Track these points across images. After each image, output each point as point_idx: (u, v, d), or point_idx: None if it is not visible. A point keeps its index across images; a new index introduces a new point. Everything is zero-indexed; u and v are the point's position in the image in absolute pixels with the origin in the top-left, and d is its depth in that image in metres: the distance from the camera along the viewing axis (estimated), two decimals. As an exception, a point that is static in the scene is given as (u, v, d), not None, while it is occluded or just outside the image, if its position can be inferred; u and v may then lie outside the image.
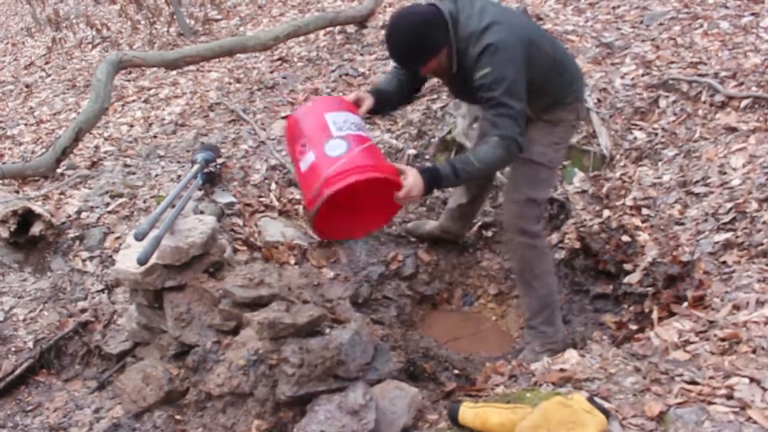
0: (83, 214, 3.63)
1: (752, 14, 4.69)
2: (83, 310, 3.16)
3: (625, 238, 3.32)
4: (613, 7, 5.55)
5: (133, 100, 5.70)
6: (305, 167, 2.35)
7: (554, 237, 3.64)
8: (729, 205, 3.02)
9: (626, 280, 3.16)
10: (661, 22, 4.99)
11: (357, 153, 2.29)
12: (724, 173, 3.30)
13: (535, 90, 2.63)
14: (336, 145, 2.30)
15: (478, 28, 2.51)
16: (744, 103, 3.74)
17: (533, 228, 2.93)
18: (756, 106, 3.69)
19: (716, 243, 2.85)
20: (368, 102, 2.69)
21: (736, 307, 2.39)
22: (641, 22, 5.12)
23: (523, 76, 2.55)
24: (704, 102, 3.91)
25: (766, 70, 3.92)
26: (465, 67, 2.59)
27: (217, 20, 7.77)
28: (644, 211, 3.39)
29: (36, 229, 3.42)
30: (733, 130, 3.59)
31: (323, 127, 2.38)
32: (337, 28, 6.24)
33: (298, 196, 3.83)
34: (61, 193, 3.86)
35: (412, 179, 2.37)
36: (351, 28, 6.24)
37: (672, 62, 4.37)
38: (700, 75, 4.09)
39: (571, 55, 3.09)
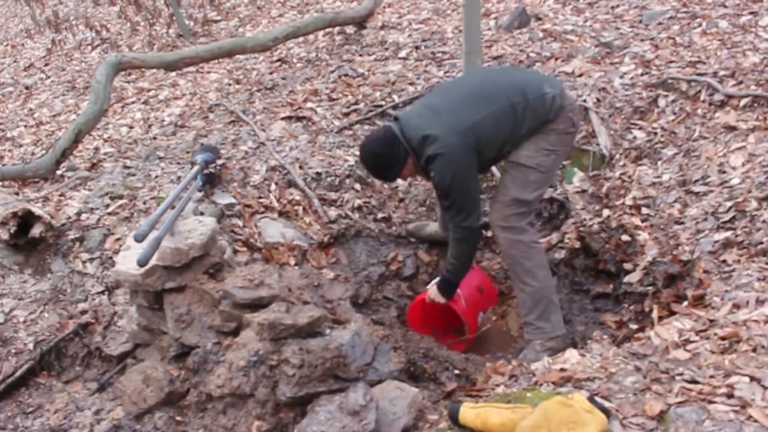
0: (83, 216, 3.63)
1: (751, 13, 4.70)
2: (83, 312, 3.17)
3: (625, 237, 3.32)
4: (612, 7, 5.56)
5: (133, 102, 5.71)
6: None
7: (554, 237, 3.64)
8: (729, 204, 3.02)
9: (626, 279, 3.16)
10: (660, 22, 4.99)
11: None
12: (724, 172, 3.30)
13: (507, 142, 2.90)
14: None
15: (419, 137, 2.88)
16: (743, 102, 3.74)
17: (517, 224, 3.00)
18: (755, 104, 3.69)
19: (716, 242, 2.85)
20: None
21: (736, 306, 2.39)
22: (640, 22, 5.13)
23: (471, 168, 2.87)
24: (703, 101, 3.92)
25: (765, 69, 3.92)
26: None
27: (216, 21, 7.78)
28: (644, 210, 3.39)
29: (36, 230, 3.42)
30: (733, 128, 3.58)
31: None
32: (336, 28, 6.25)
33: (297, 197, 3.83)
34: (61, 195, 3.86)
35: (432, 291, 3.22)
36: (350, 29, 6.25)
37: (671, 61, 4.37)
38: (699, 74, 4.09)
39: (543, 75, 3.32)
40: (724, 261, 2.74)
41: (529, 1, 6.02)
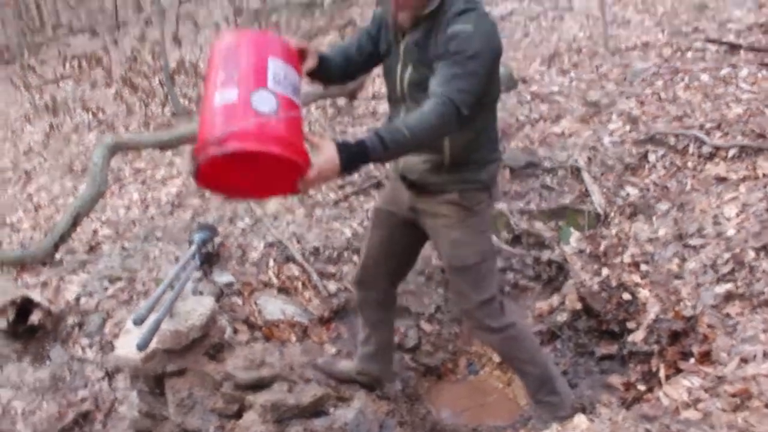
0: (82, 300, 3.61)
1: (730, 65, 4.81)
2: (83, 399, 3.11)
3: (626, 295, 3.30)
4: (596, 66, 5.69)
5: (130, 182, 5.76)
6: (221, 102, 2.02)
7: (554, 299, 3.62)
8: (726, 255, 3.02)
9: (630, 338, 3.13)
10: (644, 78, 5.11)
11: (282, 119, 2.02)
12: (719, 224, 3.32)
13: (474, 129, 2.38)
14: (265, 100, 2.02)
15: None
16: (731, 152, 3.79)
17: (502, 322, 2.68)
18: (743, 154, 3.74)
19: (717, 295, 2.84)
20: (311, 62, 2.39)
21: (744, 360, 2.36)
22: (624, 79, 5.24)
23: (496, 69, 2.35)
24: (692, 154, 3.97)
25: (750, 119, 3.99)
26: (436, 21, 2.29)
27: (210, 99, 7.92)
28: (643, 267, 3.38)
29: (35, 317, 3.40)
30: (724, 180, 3.62)
31: (261, 71, 2.09)
32: (329, 101, 6.37)
33: (296, 272, 3.82)
34: (60, 279, 3.86)
35: (324, 159, 2.02)
36: (341, 101, 6.37)
37: (657, 117, 4.45)
38: (685, 128, 4.16)
39: None
40: (727, 314, 2.72)
41: (515, 66, 6.17)
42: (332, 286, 3.77)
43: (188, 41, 10.20)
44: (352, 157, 2.06)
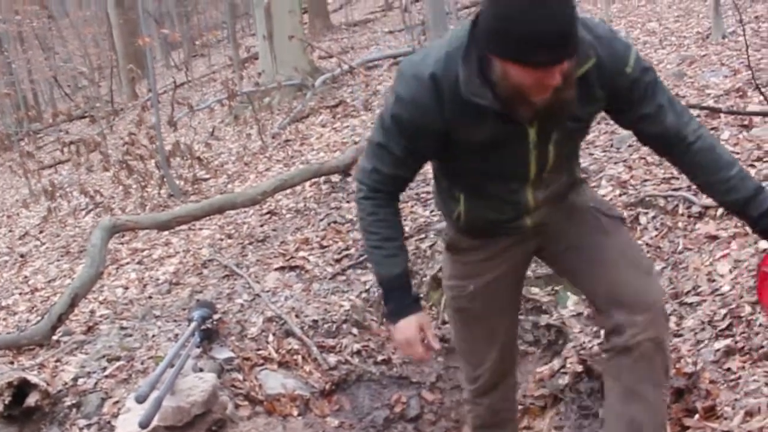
0: (80, 381, 3.57)
1: (712, 129, 4.94)
2: (82, 483, 3.05)
3: (627, 356, 3.30)
4: (583, 135, 5.85)
5: (127, 263, 5.80)
6: None
7: (555, 363, 3.60)
8: (723, 311, 3.05)
9: (634, 399, 3.11)
10: (630, 144, 5.24)
11: None
12: (713, 281, 3.35)
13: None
14: None
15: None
16: (720, 211, 3.85)
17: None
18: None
19: (717, 350, 2.85)
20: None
21: (749, 414, 2.36)
22: (611, 146, 5.38)
23: None
24: (682, 214, 4.04)
25: (735, 179, 4.09)
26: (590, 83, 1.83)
27: (205, 180, 8.07)
28: (642, 327, 3.40)
29: (32, 399, 3.35)
30: (715, 238, 3.68)
31: None
32: (322, 178, 6.48)
33: (296, 346, 3.82)
34: (57, 361, 3.83)
35: None
36: (335, 177, 6.49)
37: (646, 180, 4.55)
38: (674, 189, 4.25)
39: None
40: (728, 369, 2.73)
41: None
42: (332, 358, 3.77)
43: (183, 124, 10.44)
44: None
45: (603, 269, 2.09)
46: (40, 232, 7.82)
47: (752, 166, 4.12)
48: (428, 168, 2.22)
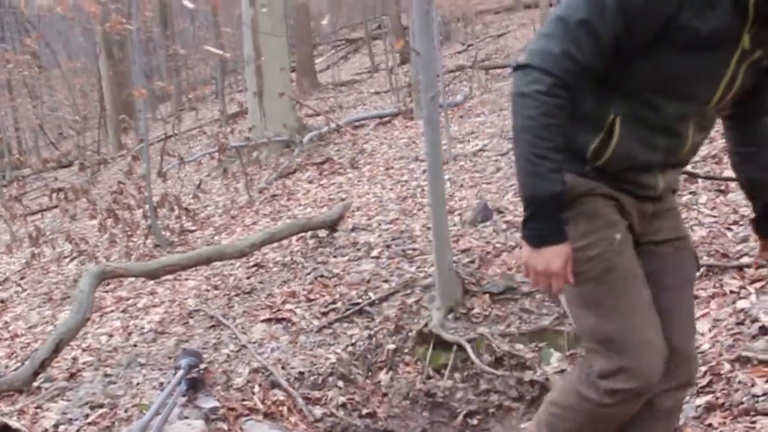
0: (61, 428, 3.53)
1: (690, 193, 5.11)
2: None
3: (610, 415, 3.36)
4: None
5: (112, 311, 5.77)
6: None
7: (540, 419, 3.65)
8: (704, 369, 3.13)
9: (617, 456, 3.15)
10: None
11: None
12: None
13: None
14: None
15: None
16: (699, 272, 3.98)
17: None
18: (710, 273, 3.93)
19: (698, 406, 2.93)
20: None
21: (731, 471, 2.43)
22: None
23: None
24: (663, 279, 4.16)
25: (713, 241, 4.23)
26: None
27: (192, 231, 8.11)
28: (624, 386, 3.46)
29: (12, 446, 3.32)
30: (695, 298, 3.79)
31: None
32: (309, 233, 6.56)
33: (281, 397, 3.83)
34: (38, 407, 3.78)
35: None
36: (322, 233, 6.57)
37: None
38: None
39: None
40: (709, 425, 2.80)
41: (489, 197, 6.49)
42: (318, 410, 3.77)
43: (170, 176, 10.53)
44: None
45: (680, 322, 1.99)
46: (22, 278, 7.76)
47: (729, 229, 4.29)
48: (410, 222, 2.32)
